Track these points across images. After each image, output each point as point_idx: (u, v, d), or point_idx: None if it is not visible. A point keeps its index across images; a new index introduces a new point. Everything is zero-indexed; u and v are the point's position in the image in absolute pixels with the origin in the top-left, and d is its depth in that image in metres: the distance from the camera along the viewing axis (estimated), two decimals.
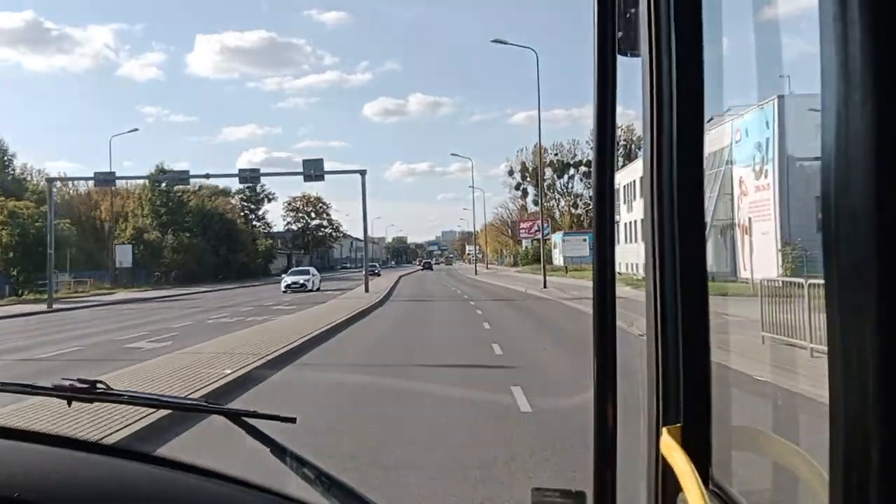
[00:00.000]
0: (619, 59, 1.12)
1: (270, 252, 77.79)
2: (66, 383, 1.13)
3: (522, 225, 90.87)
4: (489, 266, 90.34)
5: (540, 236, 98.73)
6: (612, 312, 1.11)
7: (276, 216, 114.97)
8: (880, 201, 0.54)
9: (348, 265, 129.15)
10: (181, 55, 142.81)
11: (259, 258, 73.42)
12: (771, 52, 1.14)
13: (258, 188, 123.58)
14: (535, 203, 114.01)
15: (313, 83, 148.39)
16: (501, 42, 36.07)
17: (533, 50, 46.80)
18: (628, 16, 1.13)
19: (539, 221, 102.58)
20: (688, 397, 1.08)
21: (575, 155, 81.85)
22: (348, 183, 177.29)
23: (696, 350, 1.07)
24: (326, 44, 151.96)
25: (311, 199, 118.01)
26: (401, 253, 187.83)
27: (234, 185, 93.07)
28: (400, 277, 52.92)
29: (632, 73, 1.14)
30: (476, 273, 64.08)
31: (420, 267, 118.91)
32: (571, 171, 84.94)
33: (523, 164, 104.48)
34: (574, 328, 13.56)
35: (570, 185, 77.90)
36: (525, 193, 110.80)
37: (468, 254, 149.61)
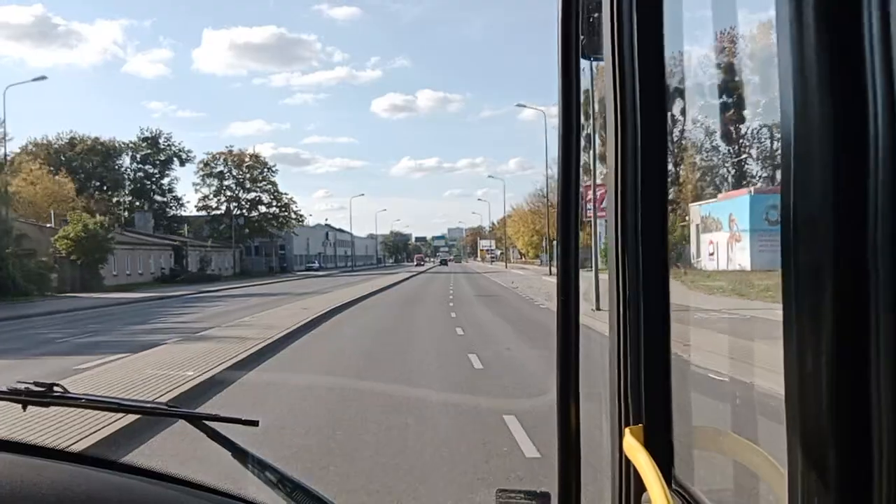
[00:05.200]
0: (583, 62, 1.22)
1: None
2: (22, 386, 1.18)
3: (589, 195, 26.80)
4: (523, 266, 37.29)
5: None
6: (575, 312, 1.20)
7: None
8: (837, 203, 0.57)
9: (316, 264, 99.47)
10: (188, 51, 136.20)
11: None
12: (731, 57, 1.14)
13: (162, 141, 69.45)
14: (604, 160, 51.92)
15: (322, 80, 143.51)
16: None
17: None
18: (591, 20, 1.22)
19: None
20: (650, 397, 1.16)
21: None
22: (350, 175, 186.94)
23: (658, 350, 1.16)
24: (337, 40, 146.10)
25: (244, 159, 62.41)
26: (401, 249, 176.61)
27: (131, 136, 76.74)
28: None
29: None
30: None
31: (417, 266, 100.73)
32: None
33: (587, 93, 38.78)
34: None
35: None
36: (588, 143, 43.06)
37: (484, 249, 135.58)
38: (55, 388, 1.16)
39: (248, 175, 77.01)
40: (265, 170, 78.47)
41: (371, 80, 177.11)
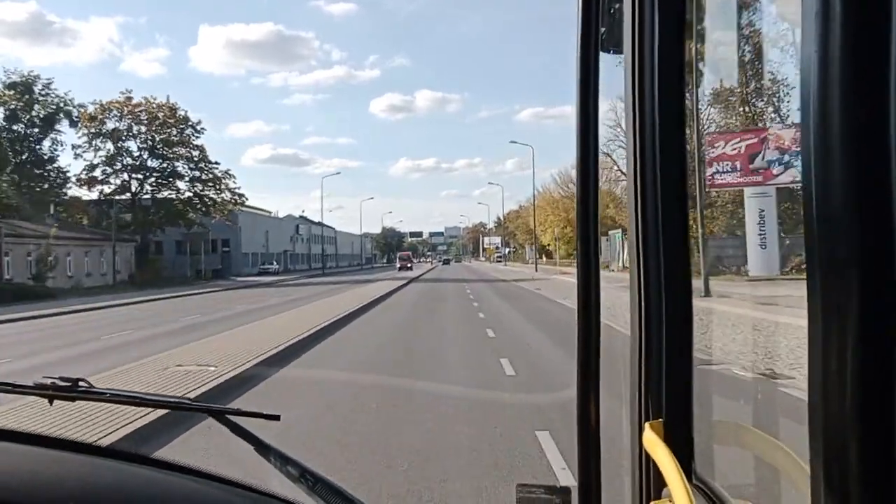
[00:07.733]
0: (602, 55, 1.25)
1: None
2: (48, 381, 1.22)
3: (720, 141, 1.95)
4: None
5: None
6: (596, 309, 1.25)
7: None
8: (860, 201, 0.57)
9: (275, 266, 44.20)
10: (185, 49, 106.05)
11: None
12: (752, 51, 1.11)
13: (39, 89, 30.47)
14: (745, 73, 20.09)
15: (321, 79, 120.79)
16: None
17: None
18: (612, 12, 1.25)
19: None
20: (670, 392, 1.21)
21: None
22: (348, 175, 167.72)
23: (679, 346, 1.21)
24: (335, 37, 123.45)
25: (152, 110, 29.44)
26: (394, 248, 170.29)
27: None
28: None
29: (617, 70, 1.27)
30: None
31: (402, 271, 76.45)
32: None
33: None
34: None
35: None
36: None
37: (491, 247, 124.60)
38: (81, 383, 1.19)
39: (158, 135, 54.26)
40: (186, 128, 57.40)
41: (370, 79, 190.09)
